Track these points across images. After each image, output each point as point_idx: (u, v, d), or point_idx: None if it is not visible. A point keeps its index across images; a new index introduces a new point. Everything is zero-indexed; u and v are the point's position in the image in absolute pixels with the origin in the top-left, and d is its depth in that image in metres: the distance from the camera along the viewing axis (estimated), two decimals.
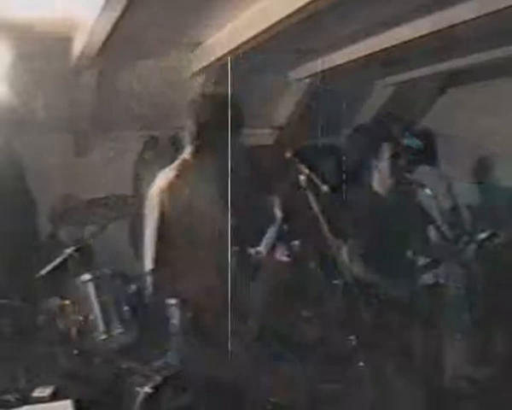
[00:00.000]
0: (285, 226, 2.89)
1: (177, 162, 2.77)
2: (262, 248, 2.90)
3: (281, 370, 2.90)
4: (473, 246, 3.61)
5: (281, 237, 2.93)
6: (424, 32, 3.76)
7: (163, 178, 2.69)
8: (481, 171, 5.33)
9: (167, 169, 2.74)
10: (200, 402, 2.71)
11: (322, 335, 3.03)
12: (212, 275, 2.64)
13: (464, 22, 3.49)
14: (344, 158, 4.95)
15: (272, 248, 2.91)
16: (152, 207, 2.63)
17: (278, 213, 2.88)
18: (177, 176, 2.67)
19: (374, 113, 6.18)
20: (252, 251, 2.95)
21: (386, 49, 4.10)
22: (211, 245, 2.68)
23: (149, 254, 2.59)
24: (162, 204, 2.58)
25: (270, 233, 2.90)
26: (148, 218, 2.64)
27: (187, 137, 2.80)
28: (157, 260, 2.57)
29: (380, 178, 3.66)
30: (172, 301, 2.74)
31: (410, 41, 3.88)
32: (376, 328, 2.38)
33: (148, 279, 2.61)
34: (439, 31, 3.67)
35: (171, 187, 2.62)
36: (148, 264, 2.59)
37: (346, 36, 4.27)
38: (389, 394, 2.49)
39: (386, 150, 3.66)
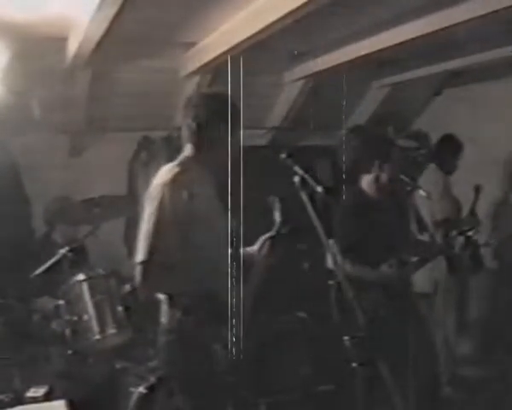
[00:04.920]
0: (283, 230, 2.88)
1: (179, 159, 2.79)
2: (255, 247, 2.91)
3: None
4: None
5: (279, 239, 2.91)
6: (419, 33, 3.77)
7: (166, 171, 2.69)
8: None
9: (171, 164, 2.75)
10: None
11: None
12: (204, 273, 2.64)
13: (460, 23, 3.49)
14: (338, 159, 4.95)
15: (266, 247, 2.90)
16: (152, 198, 2.62)
17: (277, 217, 2.87)
18: (181, 172, 2.68)
19: (369, 114, 6.19)
20: (244, 250, 2.95)
21: (381, 50, 4.11)
22: (208, 243, 2.68)
23: (143, 245, 2.57)
24: (163, 197, 2.58)
25: (266, 236, 2.90)
26: (146, 209, 2.63)
27: (186, 135, 2.82)
28: (151, 252, 2.55)
29: (373, 180, 3.66)
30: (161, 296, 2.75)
31: (406, 42, 3.89)
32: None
33: (138, 270, 2.57)
34: (434, 32, 3.67)
35: (174, 181, 2.62)
36: (141, 255, 2.57)
37: (341, 37, 4.27)
38: None
39: (379, 151, 3.67)
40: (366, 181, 3.67)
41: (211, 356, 2.65)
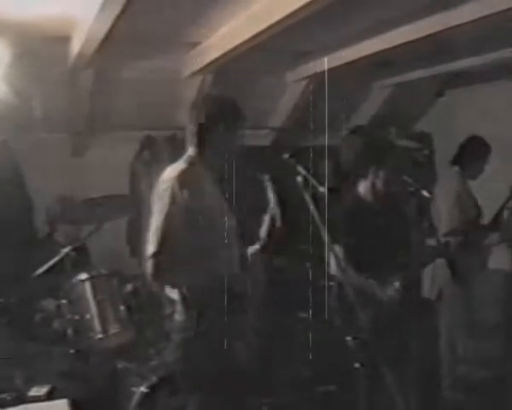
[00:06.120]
0: (277, 210, 2.87)
1: (184, 158, 2.86)
2: (261, 236, 2.91)
3: None
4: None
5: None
6: (422, 33, 3.77)
7: (173, 168, 2.77)
8: None
9: (177, 163, 2.83)
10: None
11: None
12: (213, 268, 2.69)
13: (463, 24, 3.49)
14: (340, 159, 4.95)
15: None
16: (162, 193, 2.68)
17: (271, 196, 2.86)
18: (187, 168, 2.76)
19: (371, 114, 6.19)
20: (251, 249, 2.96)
21: (383, 50, 4.11)
22: (215, 239, 2.73)
23: (154, 238, 2.62)
24: (173, 191, 2.64)
25: (266, 221, 2.91)
26: (156, 204, 2.68)
27: (189, 137, 2.88)
28: (161, 244, 2.59)
29: (369, 186, 3.62)
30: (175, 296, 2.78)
31: (409, 43, 3.89)
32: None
33: (150, 262, 2.61)
34: (437, 33, 3.67)
35: (181, 177, 2.69)
36: (152, 247, 2.61)
37: (343, 37, 4.27)
38: None
39: (375, 157, 3.62)
40: (363, 187, 3.64)
41: (224, 354, 2.67)
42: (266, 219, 2.89)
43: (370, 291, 3.37)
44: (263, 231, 2.88)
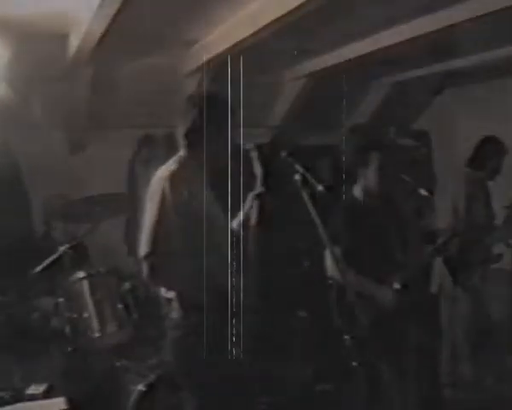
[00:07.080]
0: (263, 188, 2.83)
1: (175, 158, 2.86)
2: (251, 216, 2.90)
3: None
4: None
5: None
6: (421, 32, 3.77)
7: (164, 169, 2.78)
8: None
9: (168, 163, 2.83)
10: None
11: None
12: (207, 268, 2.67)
13: (461, 23, 3.49)
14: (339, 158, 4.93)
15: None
16: (153, 193, 2.70)
17: (258, 169, 2.84)
18: (178, 169, 2.76)
19: (370, 113, 6.18)
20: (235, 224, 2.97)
21: (382, 48, 4.11)
22: (208, 240, 2.70)
23: (146, 239, 2.63)
24: (164, 191, 2.65)
25: (250, 197, 2.89)
26: (147, 204, 2.70)
27: (179, 138, 2.88)
28: (154, 243, 2.60)
29: (362, 188, 3.60)
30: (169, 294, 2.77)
31: (407, 41, 3.89)
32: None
33: (144, 264, 2.62)
34: (435, 31, 3.67)
35: (172, 177, 2.70)
36: (144, 248, 2.62)
37: (342, 35, 4.27)
38: None
39: (379, 155, 3.60)
40: (361, 186, 3.63)
41: (219, 352, 2.67)
42: (253, 197, 2.87)
43: (369, 293, 3.36)
44: (253, 211, 2.88)
